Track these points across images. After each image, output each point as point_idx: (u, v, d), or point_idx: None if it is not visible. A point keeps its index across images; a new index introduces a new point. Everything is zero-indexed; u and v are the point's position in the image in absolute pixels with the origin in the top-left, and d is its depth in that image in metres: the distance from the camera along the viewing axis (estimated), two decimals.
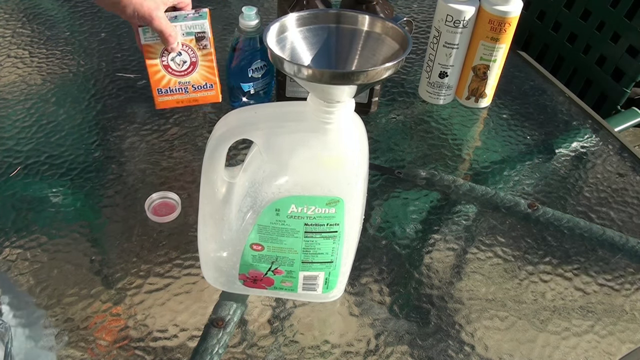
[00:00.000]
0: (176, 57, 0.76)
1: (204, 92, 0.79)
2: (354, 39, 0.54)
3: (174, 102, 0.80)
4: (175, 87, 0.78)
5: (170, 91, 0.78)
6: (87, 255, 0.69)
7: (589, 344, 0.65)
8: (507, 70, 0.93)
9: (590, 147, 0.90)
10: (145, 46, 0.75)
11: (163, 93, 0.78)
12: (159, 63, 0.76)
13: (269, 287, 0.64)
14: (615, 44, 1.16)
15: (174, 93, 0.79)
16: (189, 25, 0.74)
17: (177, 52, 0.75)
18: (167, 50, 0.75)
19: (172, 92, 0.78)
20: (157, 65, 0.76)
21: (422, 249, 0.74)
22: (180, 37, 0.75)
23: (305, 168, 0.55)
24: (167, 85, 0.78)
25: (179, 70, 0.77)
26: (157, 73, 0.77)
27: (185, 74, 0.77)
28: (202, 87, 0.79)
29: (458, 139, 0.89)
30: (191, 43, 0.75)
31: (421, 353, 0.63)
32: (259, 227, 0.58)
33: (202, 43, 0.75)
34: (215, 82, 0.79)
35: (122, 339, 0.62)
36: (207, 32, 0.75)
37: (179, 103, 0.80)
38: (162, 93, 0.79)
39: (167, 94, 0.79)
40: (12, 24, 1.04)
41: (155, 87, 0.78)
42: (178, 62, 0.76)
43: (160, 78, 0.77)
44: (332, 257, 0.60)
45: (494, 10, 0.83)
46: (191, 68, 0.77)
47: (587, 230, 0.77)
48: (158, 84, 0.78)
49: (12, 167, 0.79)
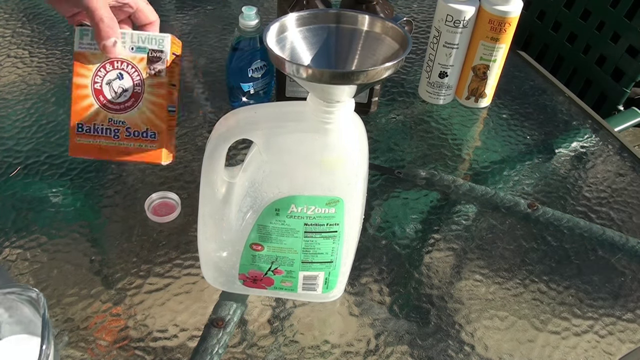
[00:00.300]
0: (114, 80, 0.54)
1: (141, 142, 0.54)
2: (353, 39, 0.54)
3: (95, 150, 0.55)
4: (102, 125, 0.54)
5: (95, 130, 0.54)
6: (87, 255, 0.69)
7: (589, 344, 0.65)
8: (507, 70, 0.93)
9: (590, 147, 0.90)
10: (77, 54, 0.54)
11: (83, 131, 0.54)
12: (89, 84, 0.54)
13: (269, 287, 0.64)
14: (615, 44, 1.16)
15: (98, 135, 0.54)
16: (142, 37, 0.53)
17: (117, 74, 0.53)
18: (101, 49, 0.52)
19: (96, 133, 0.54)
20: (87, 87, 0.54)
21: (422, 249, 0.74)
22: (124, 48, 0.53)
23: (305, 168, 0.55)
24: (92, 121, 0.54)
25: (113, 101, 0.54)
26: (82, 99, 0.54)
27: (121, 108, 0.54)
28: (139, 135, 0.54)
29: (458, 139, 0.89)
30: (140, 63, 0.53)
31: (421, 353, 0.63)
32: (258, 227, 0.58)
33: (155, 67, 0.53)
34: (162, 131, 0.54)
35: (122, 339, 0.62)
36: (165, 54, 0.53)
37: (101, 154, 0.55)
38: (82, 131, 0.54)
39: (89, 133, 0.54)
40: (12, 24, 1.04)
41: (75, 120, 0.54)
42: (115, 88, 0.54)
43: (86, 107, 0.54)
44: (332, 257, 0.60)
45: (494, 10, 0.83)
46: (131, 101, 0.54)
47: (587, 230, 0.77)
48: (80, 116, 0.54)
49: (12, 167, 0.79)
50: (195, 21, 1.08)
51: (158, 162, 0.55)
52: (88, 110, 0.54)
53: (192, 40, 1.03)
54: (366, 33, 0.54)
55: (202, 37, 1.04)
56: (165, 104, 0.54)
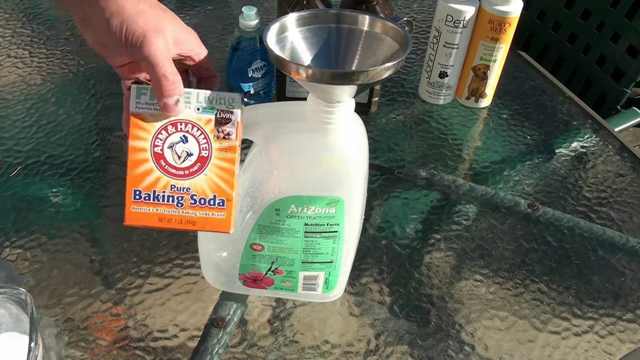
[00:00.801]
0: (178, 143, 0.48)
1: (207, 210, 0.49)
2: (354, 39, 0.54)
3: (155, 219, 0.49)
4: (163, 192, 0.49)
5: (155, 198, 0.49)
6: (87, 255, 0.69)
7: (589, 344, 0.65)
8: (507, 70, 0.93)
9: (590, 147, 0.90)
10: (133, 116, 0.48)
11: (141, 199, 0.49)
12: (148, 148, 0.48)
13: (269, 287, 0.64)
14: (615, 44, 1.16)
15: (159, 203, 0.49)
16: (210, 97, 0.48)
17: (180, 137, 0.48)
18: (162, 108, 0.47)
19: (156, 201, 0.49)
20: (145, 150, 0.48)
21: (422, 249, 0.74)
22: (188, 109, 0.48)
23: (305, 168, 0.55)
24: (152, 187, 0.48)
25: (176, 166, 0.48)
26: (140, 163, 0.48)
27: (186, 174, 0.49)
28: (206, 202, 0.49)
29: (458, 139, 0.89)
30: (207, 125, 0.48)
31: (421, 353, 0.63)
32: (259, 227, 0.58)
33: (224, 130, 0.48)
34: (230, 198, 0.49)
35: (122, 339, 0.62)
36: (236, 115, 0.48)
37: (162, 223, 0.49)
38: (140, 199, 0.49)
39: (148, 201, 0.49)
40: (12, 24, 1.04)
41: (131, 186, 0.49)
42: (178, 152, 0.48)
43: (144, 173, 0.48)
44: (332, 257, 0.60)
45: (494, 10, 0.83)
46: (197, 167, 0.48)
47: (587, 230, 0.77)
48: (137, 183, 0.48)
49: (12, 167, 0.79)
50: (195, 21, 1.08)
51: (226, 231, 0.50)
52: (147, 176, 0.49)
53: None
54: (366, 33, 0.54)
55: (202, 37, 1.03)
56: (234, 168, 0.49)
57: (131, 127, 0.48)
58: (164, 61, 0.46)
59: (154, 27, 0.46)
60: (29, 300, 0.56)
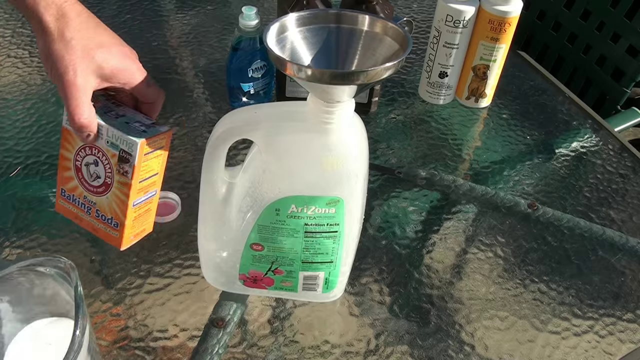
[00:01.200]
0: (91, 164, 0.55)
1: (106, 226, 0.57)
2: (354, 39, 0.54)
3: (73, 215, 0.59)
4: (79, 199, 0.57)
5: (73, 200, 0.58)
6: (87, 255, 0.69)
7: (589, 344, 0.65)
8: (507, 70, 0.93)
9: (590, 147, 0.90)
10: (64, 130, 0.55)
11: (65, 197, 0.59)
12: (72, 159, 0.56)
13: (269, 287, 0.64)
14: (615, 44, 1.16)
15: (76, 205, 0.58)
16: (116, 135, 0.52)
17: (93, 160, 0.54)
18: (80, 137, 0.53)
19: (74, 202, 0.58)
20: (70, 160, 0.56)
21: (422, 249, 0.74)
22: (101, 139, 0.54)
23: (306, 168, 0.55)
24: (72, 192, 0.58)
25: (89, 182, 0.56)
26: (66, 170, 0.57)
27: (95, 192, 0.56)
28: (106, 220, 0.57)
29: (458, 139, 0.89)
30: (112, 158, 0.54)
31: (421, 353, 0.63)
32: (259, 227, 0.58)
33: (123, 167, 0.53)
34: (122, 224, 0.56)
35: (122, 339, 0.62)
36: (133, 158, 0.52)
37: (77, 220, 0.59)
38: (65, 197, 0.59)
39: (69, 201, 0.58)
40: (12, 24, 1.04)
41: (60, 185, 0.58)
42: (91, 172, 0.55)
43: (68, 178, 0.58)
44: (332, 257, 0.60)
45: (494, 10, 0.83)
46: (102, 188, 0.55)
47: (587, 230, 0.77)
48: (64, 183, 0.58)
49: (12, 167, 0.79)
50: (195, 21, 1.08)
51: (118, 247, 0.58)
52: (70, 181, 0.58)
53: (192, 40, 1.03)
54: (366, 33, 0.54)
55: (202, 37, 1.04)
56: (128, 202, 0.55)
57: (62, 138, 0.56)
58: (79, 100, 0.51)
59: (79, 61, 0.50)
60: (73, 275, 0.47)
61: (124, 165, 0.53)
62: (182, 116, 0.89)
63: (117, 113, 0.56)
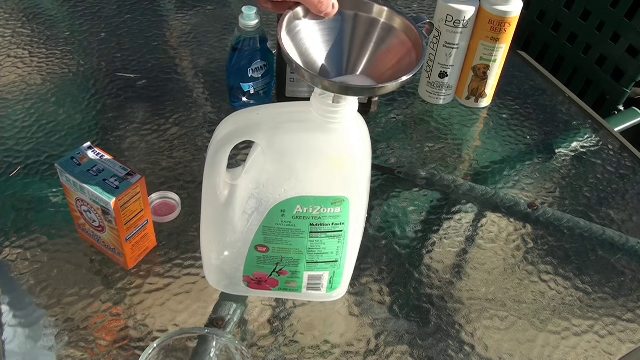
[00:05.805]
0: (87, 212, 0.65)
1: (112, 253, 0.68)
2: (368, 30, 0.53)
3: (90, 242, 0.70)
4: (89, 232, 0.68)
5: (86, 232, 0.69)
6: (87, 255, 0.69)
7: (589, 344, 0.65)
8: (507, 70, 0.93)
9: (590, 147, 0.90)
10: (63, 185, 0.65)
11: (81, 229, 0.69)
12: (74, 205, 0.66)
13: (274, 288, 0.64)
14: (615, 44, 1.16)
15: (89, 235, 0.68)
16: (95, 195, 0.61)
17: (88, 209, 0.64)
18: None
19: (87, 234, 0.69)
20: (74, 205, 0.66)
21: (422, 249, 0.74)
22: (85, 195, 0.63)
23: (311, 168, 0.55)
24: (84, 226, 0.68)
25: (90, 223, 0.66)
26: (75, 211, 0.67)
27: (96, 230, 0.66)
28: (110, 249, 0.67)
29: (458, 139, 0.89)
30: (98, 210, 0.63)
31: (421, 353, 0.63)
32: (264, 229, 0.58)
33: (107, 217, 0.63)
34: (124, 253, 0.66)
35: (122, 339, 0.62)
36: (112, 212, 0.61)
37: (94, 245, 0.70)
38: (81, 229, 0.69)
39: (85, 232, 0.69)
40: (12, 24, 1.04)
41: (75, 220, 0.69)
42: (88, 217, 0.65)
43: (79, 217, 0.68)
44: (336, 256, 0.60)
45: (494, 10, 0.83)
46: (100, 229, 0.65)
47: (587, 230, 0.77)
48: (77, 220, 0.69)
49: (12, 167, 0.79)
50: (195, 21, 1.08)
51: (126, 267, 0.68)
52: (79, 219, 0.68)
53: (192, 40, 1.03)
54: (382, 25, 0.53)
55: (202, 37, 1.04)
56: (121, 239, 0.64)
57: (65, 192, 0.66)
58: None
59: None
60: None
61: (107, 215, 0.62)
62: (183, 116, 0.88)
63: (98, 168, 0.63)
